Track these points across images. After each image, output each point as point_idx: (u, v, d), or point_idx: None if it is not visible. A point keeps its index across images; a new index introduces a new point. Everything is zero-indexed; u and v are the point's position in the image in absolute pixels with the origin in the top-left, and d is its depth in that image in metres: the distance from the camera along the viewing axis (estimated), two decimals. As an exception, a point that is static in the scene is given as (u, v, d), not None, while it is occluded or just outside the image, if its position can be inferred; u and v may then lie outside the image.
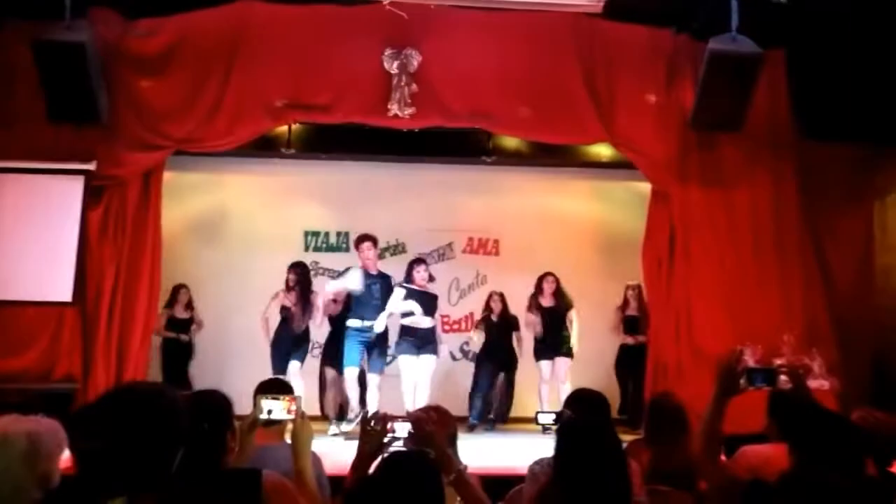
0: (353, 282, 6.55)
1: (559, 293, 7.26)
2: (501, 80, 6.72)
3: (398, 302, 6.63)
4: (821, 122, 7.00)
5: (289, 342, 6.71)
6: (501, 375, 7.37)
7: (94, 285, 6.47)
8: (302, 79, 6.60)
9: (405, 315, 6.67)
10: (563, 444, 2.34)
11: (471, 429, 7.00)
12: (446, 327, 7.91)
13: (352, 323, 6.55)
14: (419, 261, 6.97)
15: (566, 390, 6.70)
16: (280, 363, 6.61)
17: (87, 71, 6.07)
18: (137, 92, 6.55)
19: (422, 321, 6.67)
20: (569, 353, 7.15)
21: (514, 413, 7.58)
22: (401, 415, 2.88)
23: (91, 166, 6.47)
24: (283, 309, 6.84)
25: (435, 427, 2.72)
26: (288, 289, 6.87)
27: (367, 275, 6.59)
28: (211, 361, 7.46)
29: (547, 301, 7.24)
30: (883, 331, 7.14)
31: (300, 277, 6.92)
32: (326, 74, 6.61)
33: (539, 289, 7.30)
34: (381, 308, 6.52)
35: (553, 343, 7.15)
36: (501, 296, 7.40)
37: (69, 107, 6.22)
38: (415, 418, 2.74)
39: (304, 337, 6.85)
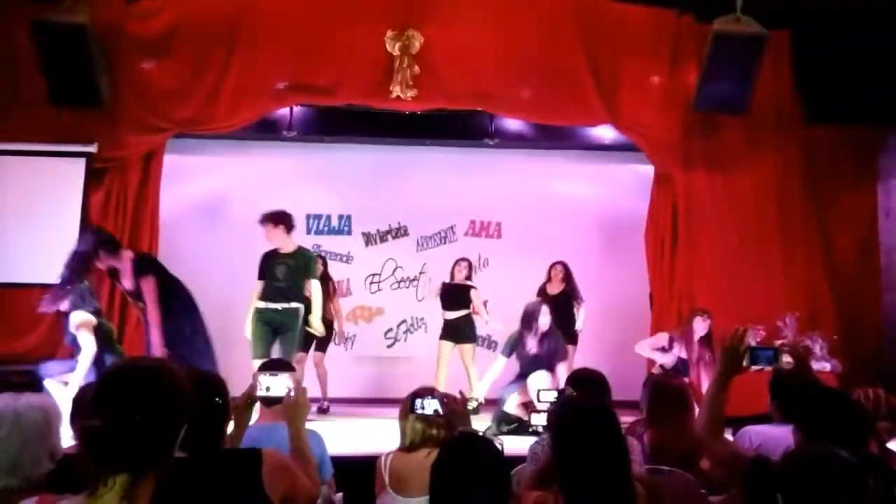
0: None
1: (567, 280, 7.22)
2: (504, 61, 6.68)
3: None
4: (825, 104, 6.96)
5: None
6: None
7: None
8: (303, 61, 6.56)
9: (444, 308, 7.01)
10: (562, 423, 2.35)
11: None
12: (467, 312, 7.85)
13: (258, 304, 6.12)
14: (462, 260, 7.23)
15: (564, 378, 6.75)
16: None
17: (88, 53, 6.04)
18: (138, 74, 6.52)
19: (446, 314, 7.00)
20: (573, 340, 7.11)
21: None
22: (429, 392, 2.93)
23: (92, 148, 6.46)
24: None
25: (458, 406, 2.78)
26: None
27: (273, 255, 6.20)
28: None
29: (554, 288, 7.21)
30: (886, 313, 7.13)
31: (325, 268, 7.05)
32: (328, 56, 6.57)
33: (547, 277, 7.28)
34: (286, 289, 6.08)
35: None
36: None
37: (70, 89, 6.19)
38: (448, 398, 2.82)
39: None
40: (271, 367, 2.79)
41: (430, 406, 2.86)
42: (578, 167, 8.49)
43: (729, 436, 2.84)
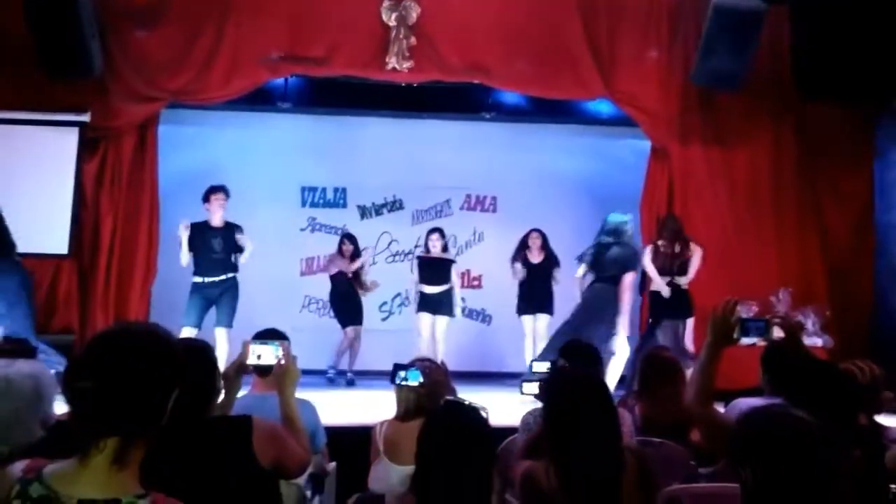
0: None
1: (546, 249, 7.20)
2: (501, 33, 6.63)
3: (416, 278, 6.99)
4: (822, 81, 6.93)
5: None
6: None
7: (90, 238, 6.48)
8: (298, 30, 6.51)
9: (422, 282, 6.92)
10: (554, 394, 2.36)
11: None
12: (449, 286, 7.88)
13: (195, 279, 6.14)
14: (435, 230, 7.11)
15: (541, 346, 6.80)
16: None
17: (80, 22, 5.96)
18: (132, 42, 6.47)
19: (427, 288, 6.89)
20: (550, 310, 7.12)
21: (499, 368, 7.63)
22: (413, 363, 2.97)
23: (85, 118, 6.42)
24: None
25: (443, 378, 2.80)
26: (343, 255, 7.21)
27: (208, 228, 6.19)
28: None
29: (535, 257, 7.18)
30: (879, 289, 7.16)
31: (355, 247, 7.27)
32: (323, 26, 6.51)
33: (525, 245, 7.24)
34: (225, 261, 6.15)
35: (537, 299, 7.12)
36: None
37: (62, 58, 6.13)
38: (431, 369, 2.83)
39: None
40: (263, 336, 2.79)
41: (413, 377, 2.89)
42: (575, 141, 8.46)
43: (721, 409, 2.86)
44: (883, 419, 2.73)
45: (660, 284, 6.15)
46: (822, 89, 6.99)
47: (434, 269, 6.95)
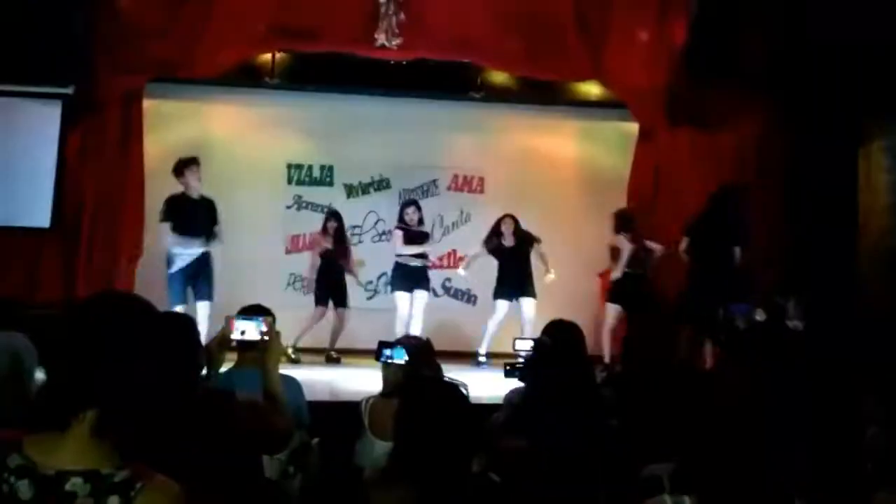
0: None
1: (518, 232, 7.16)
2: (491, 11, 6.60)
3: (401, 246, 6.92)
4: (810, 64, 6.93)
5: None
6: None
7: (73, 211, 6.41)
8: (286, 3, 6.43)
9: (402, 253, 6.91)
10: (536, 371, 2.38)
11: None
12: (429, 264, 7.89)
13: (175, 250, 6.04)
14: (410, 202, 7.09)
15: (531, 330, 6.81)
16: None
17: (64, -10, 5.90)
18: (116, 13, 6.34)
19: (412, 259, 6.92)
20: (532, 293, 7.11)
21: (477, 347, 7.63)
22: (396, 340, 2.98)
23: (69, 90, 6.33)
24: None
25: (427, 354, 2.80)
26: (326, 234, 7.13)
27: (187, 200, 6.13)
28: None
29: (509, 241, 7.17)
30: (860, 279, 7.21)
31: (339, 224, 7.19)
32: (312, 0, 6.44)
33: (498, 231, 7.19)
34: (204, 233, 6.10)
35: (515, 283, 7.12)
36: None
37: (46, 28, 6.05)
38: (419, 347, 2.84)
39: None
40: (247, 311, 2.78)
41: (398, 354, 2.91)
42: (564, 124, 8.43)
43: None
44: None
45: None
46: (809, 73, 6.99)
47: (417, 240, 6.99)
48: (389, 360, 3.01)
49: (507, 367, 3.37)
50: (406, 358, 2.97)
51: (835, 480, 2.00)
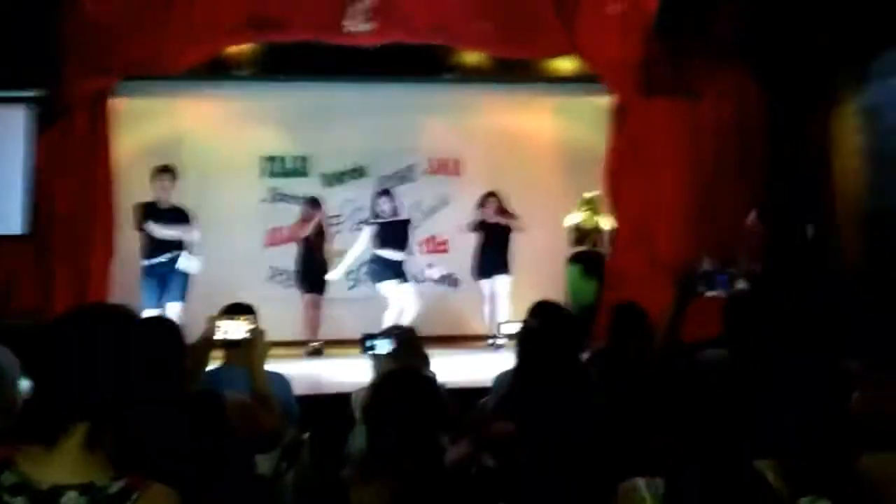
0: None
1: (504, 210, 7.21)
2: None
3: (362, 246, 6.95)
4: (787, 34, 6.97)
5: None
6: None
7: (46, 215, 6.33)
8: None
9: (378, 248, 6.86)
10: (524, 352, 2.39)
11: None
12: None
13: (144, 262, 6.11)
14: (382, 192, 7.05)
15: (505, 307, 6.86)
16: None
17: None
18: (85, 12, 6.23)
19: (394, 255, 6.86)
20: (507, 270, 7.16)
21: (462, 331, 7.69)
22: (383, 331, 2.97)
23: (35, 93, 6.23)
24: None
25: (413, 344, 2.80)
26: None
27: (155, 209, 6.14)
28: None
29: (491, 220, 7.22)
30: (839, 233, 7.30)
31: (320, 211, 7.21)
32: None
33: (483, 205, 7.22)
34: (170, 242, 6.08)
35: (493, 260, 7.17)
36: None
37: (12, 30, 5.94)
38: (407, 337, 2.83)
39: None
40: (230, 310, 2.76)
41: (383, 346, 2.91)
42: (538, 101, 8.41)
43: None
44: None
45: None
46: (784, 37, 7.03)
47: (394, 231, 6.93)
48: (373, 352, 3.01)
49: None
50: (390, 348, 2.96)
51: (820, 445, 2.03)
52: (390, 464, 1.89)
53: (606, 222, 7.09)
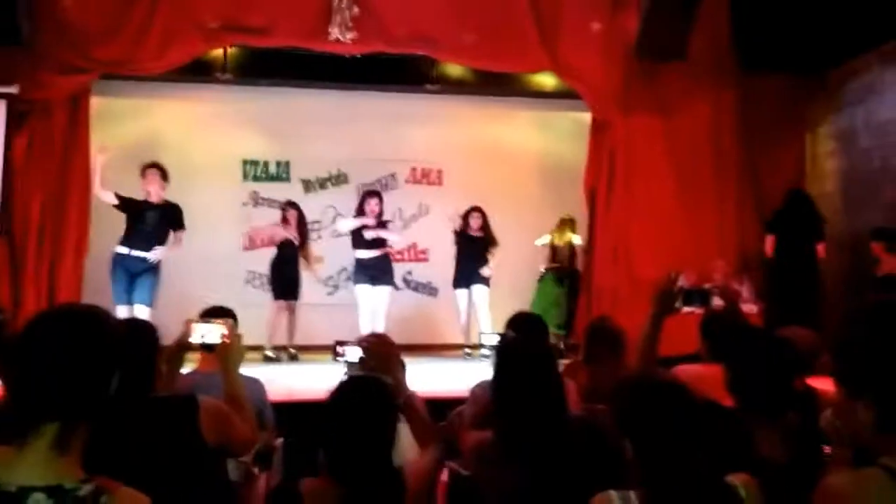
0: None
1: (485, 229, 7.26)
2: (446, 4, 6.60)
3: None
4: (759, 52, 7.09)
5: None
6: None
7: (20, 213, 6.26)
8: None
9: (357, 247, 6.84)
10: (502, 364, 2.39)
11: None
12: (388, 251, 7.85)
13: (120, 250, 5.99)
14: (374, 193, 7.04)
15: (485, 317, 6.88)
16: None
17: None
18: (60, 11, 6.19)
19: (369, 253, 6.81)
20: (485, 282, 7.20)
21: (440, 340, 7.70)
22: (352, 340, 2.94)
23: (13, 89, 6.16)
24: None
25: (387, 350, 2.77)
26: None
27: (144, 201, 6.12)
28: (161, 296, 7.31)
29: (475, 232, 7.25)
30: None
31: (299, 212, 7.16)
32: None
33: (466, 223, 7.28)
34: (153, 236, 6.03)
35: (471, 271, 7.19)
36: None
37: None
38: (368, 343, 2.79)
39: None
40: (208, 314, 2.74)
41: (352, 353, 2.88)
42: (520, 114, 8.48)
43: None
44: (819, 383, 2.84)
45: None
46: (760, 61, 7.15)
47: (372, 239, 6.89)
48: (342, 359, 3.00)
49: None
50: (361, 356, 2.92)
51: (798, 459, 2.05)
52: (340, 470, 1.90)
53: (578, 238, 7.27)
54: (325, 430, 1.99)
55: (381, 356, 2.67)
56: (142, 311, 5.84)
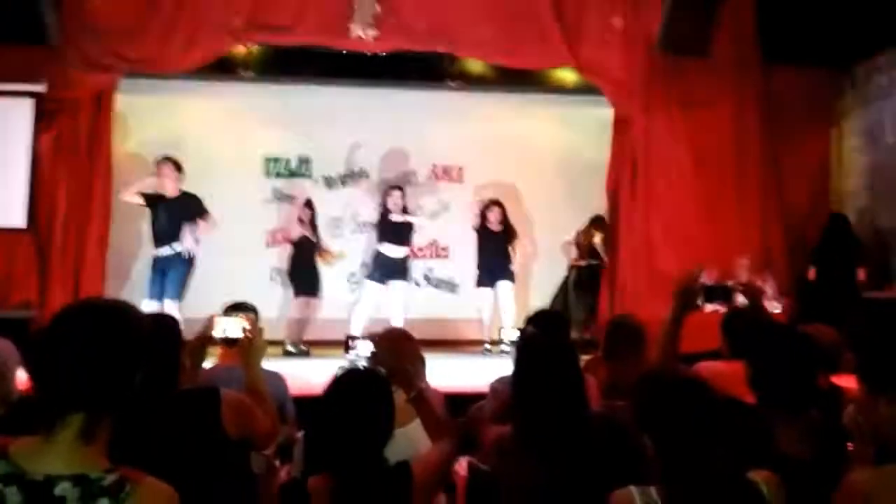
0: None
1: (505, 221, 7.25)
2: (467, 1, 6.57)
3: (379, 242, 7.03)
4: (784, 46, 7.00)
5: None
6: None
7: (46, 210, 6.36)
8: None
9: (382, 240, 6.95)
10: (523, 360, 2.39)
11: None
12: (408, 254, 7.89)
13: (153, 251, 6.22)
14: (395, 188, 7.10)
15: (511, 314, 6.87)
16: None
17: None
18: (88, 10, 6.26)
19: (393, 251, 6.89)
20: (511, 277, 7.19)
21: (461, 336, 7.67)
22: (363, 335, 2.96)
23: (41, 88, 6.25)
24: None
25: (399, 345, 2.79)
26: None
27: (159, 198, 6.25)
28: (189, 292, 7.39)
29: (495, 227, 7.24)
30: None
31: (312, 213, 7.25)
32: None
33: (484, 217, 7.28)
34: (171, 233, 6.14)
35: (495, 268, 7.18)
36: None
37: (16, 26, 5.96)
38: (377, 338, 2.81)
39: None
40: (232, 308, 2.77)
41: (362, 349, 2.90)
42: (541, 111, 8.43)
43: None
44: (842, 381, 2.81)
45: None
46: (786, 54, 7.06)
47: (399, 229, 6.98)
48: (355, 353, 3.01)
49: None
50: (371, 350, 2.94)
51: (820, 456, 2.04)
52: (329, 461, 1.93)
53: (598, 237, 7.32)
54: (316, 423, 2.01)
55: (392, 350, 2.68)
56: (170, 306, 5.93)
